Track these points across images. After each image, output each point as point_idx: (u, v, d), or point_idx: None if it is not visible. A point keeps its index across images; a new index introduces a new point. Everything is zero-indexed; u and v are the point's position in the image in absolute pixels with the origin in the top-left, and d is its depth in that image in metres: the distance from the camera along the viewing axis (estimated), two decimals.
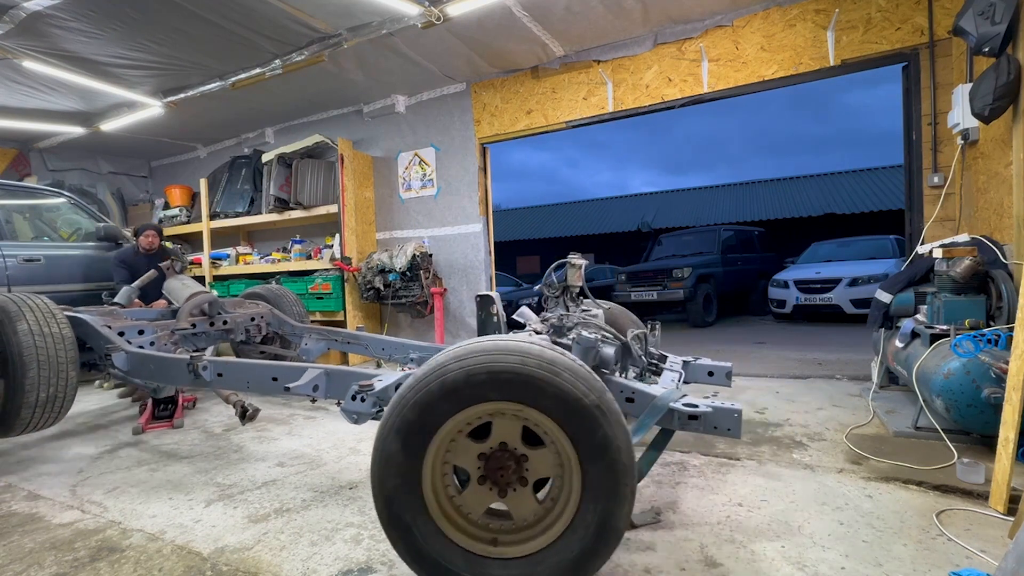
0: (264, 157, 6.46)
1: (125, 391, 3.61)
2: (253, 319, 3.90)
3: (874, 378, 3.72)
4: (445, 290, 5.83)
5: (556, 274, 2.69)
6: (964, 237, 3.24)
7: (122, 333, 3.14)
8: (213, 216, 6.96)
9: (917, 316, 3.20)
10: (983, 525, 1.89)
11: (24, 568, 1.84)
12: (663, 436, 1.92)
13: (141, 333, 3.26)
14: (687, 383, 2.45)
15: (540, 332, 2.23)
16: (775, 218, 15.11)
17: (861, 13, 3.99)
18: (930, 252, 3.24)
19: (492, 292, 2.76)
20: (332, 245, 6.10)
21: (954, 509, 2.01)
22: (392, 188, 6.28)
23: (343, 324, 5.91)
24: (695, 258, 9.50)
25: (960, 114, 3.34)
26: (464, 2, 4.00)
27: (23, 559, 1.91)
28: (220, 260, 6.89)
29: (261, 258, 6.75)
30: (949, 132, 3.64)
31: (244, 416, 2.58)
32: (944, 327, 2.75)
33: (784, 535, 1.87)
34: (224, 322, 3.72)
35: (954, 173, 3.65)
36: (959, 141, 3.53)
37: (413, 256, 5.58)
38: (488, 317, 2.64)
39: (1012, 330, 2.09)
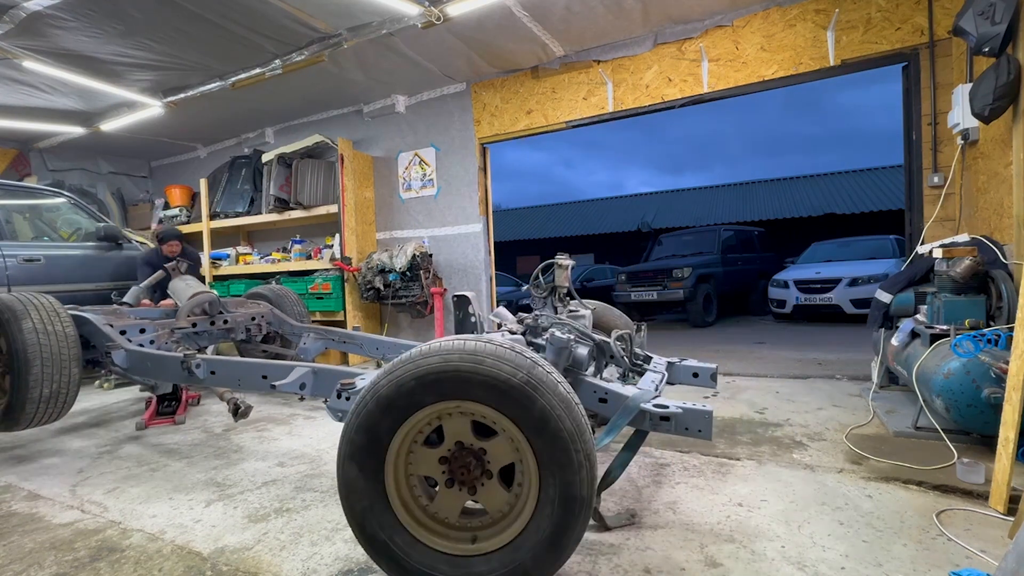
0: (264, 157, 6.46)
1: (145, 385, 3.73)
2: (254, 318, 3.93)
3: (874, 378, 3.72)
4: (445, 290, 5.83)
5: (544, 275, 2.69)
6: (964, 237, 3.24)
7: (124, 332, 3.19)
8: (213, 216, 6.97)
9: (917, 316, 3.20)
10: (983, 525, 1.89)
11: (24, 568, 1.84)
12: (637, 437, 1.94)
13: (143, 332, 3.30)
14: (671, 384, 2.44)
15: (515, 332, 2.22)
16: (775, 218, 15.12)
17: (861, 13, 3.99)
18: (930, 252, 3.24)
19: (468, 293, 2.77)
20: (332, 245, 6.10)
21: (954, 509, 2.01)
22: (392, 188, 6.28)
23: (343, 324, 5.91)
24: (695, 258, 9.50)
25: (960, 114, 3.34)
26: (464, 2, 4.00)
27: (23, 559, 1.91)
28: (220, 260, 6.89)
29: (261, 258, 6.75)
30: (949, 132, 3.64)
31: (236, 413, 2.63)
32: (944, 327, 2.75)
33: (784, 535, 1.87)
34: (225, 321, 3.76)
35: (954, 173, 3.65)
36: (959, 141, 3.53)
37: (413, 256, 5.58)
38: (465, 317, 2.65)
39: (1012, 330, 2.09)
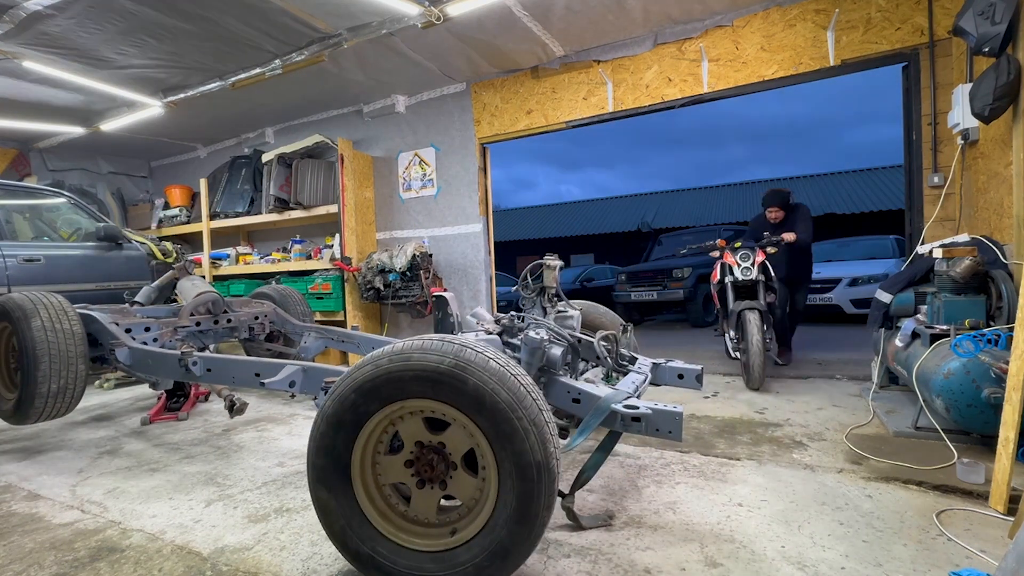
0: (264, 157, 6.46)
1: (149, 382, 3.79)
2: (257, 317, 3.98)
3: (874, 378, 3.72)
4: (445, 290, 5.83)
5: (532, 276, 2.70)
6: (964, 237, 3.23)
7: (128, 330, 3.25)
8: (213, 216, 6.97)
9: (917, 316, 3.20)
10: (983, 525, 1.89)
11: (24, 568, 1.84)
12: (610, 438, 1.94)
13: (148, 330, 3.35)
14: (657, 385, 2.44)
15: (492, 332, 2.23)
16: None
17: (861, 13, 3.99)
18: (930, 252, 3.24)
19: (446, 293, 2.79)
20: (332, 245, 6.10)
21: (954, 509, 2.01)
22: (392, 188, 6.28)
23: (343, 324, 5.91)
24: (695, 258, 9.49)
25: (960, 114, 3.34)
26: (464, 2, 4.00)
27: (23, 559, 1.91)
28: (220, 260, 6.89)
29: (261, 258, 6.75)
30: (949, 132, 3.64)
31: (232, 409, 2.69)
32: (944, 327, 2.75)
33: (784, 535, 1.87)
34: (228, 320, 3.81)
35: (954, 173, 3.65)
36: (959, 141, 3.53)
37: (413, 256, 5.58)
38: (445, 317, 2.65)
39: (1012, 330, 2.09)
